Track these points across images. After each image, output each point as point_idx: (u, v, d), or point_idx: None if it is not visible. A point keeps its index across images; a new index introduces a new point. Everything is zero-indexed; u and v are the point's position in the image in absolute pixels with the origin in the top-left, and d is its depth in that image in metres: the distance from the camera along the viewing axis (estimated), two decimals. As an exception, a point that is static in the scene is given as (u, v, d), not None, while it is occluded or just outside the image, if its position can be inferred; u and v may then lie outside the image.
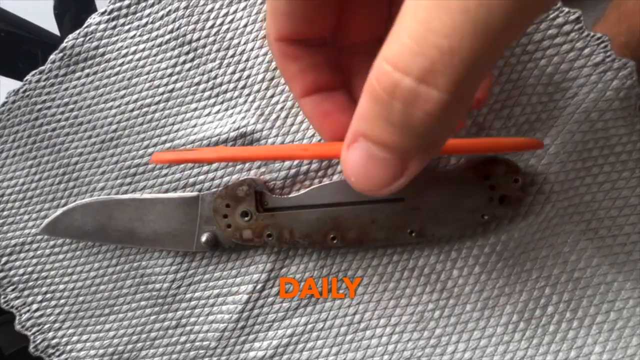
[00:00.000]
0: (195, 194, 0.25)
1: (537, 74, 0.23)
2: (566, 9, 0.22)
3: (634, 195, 0.23)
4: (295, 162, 0.24)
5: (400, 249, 0.24)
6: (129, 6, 0.26)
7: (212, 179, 0.26)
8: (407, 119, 0.09)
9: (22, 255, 0.28)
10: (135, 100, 0.27)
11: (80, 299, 0.27)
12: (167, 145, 0.26)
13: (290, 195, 0.24)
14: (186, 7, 0.25)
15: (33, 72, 0.27)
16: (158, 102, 0.26)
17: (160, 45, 0.26)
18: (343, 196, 0.23)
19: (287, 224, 0.23)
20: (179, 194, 0.25)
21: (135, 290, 0.27)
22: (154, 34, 0.26)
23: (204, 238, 0.24)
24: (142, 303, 0.27)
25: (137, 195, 0.26)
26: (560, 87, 0.23)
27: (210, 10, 0.25)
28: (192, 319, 0.26)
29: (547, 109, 0.23)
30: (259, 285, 0.25)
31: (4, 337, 0.30)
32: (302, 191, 0.24)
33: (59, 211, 0.26)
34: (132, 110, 0.27)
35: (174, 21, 0.26)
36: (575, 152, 0.22)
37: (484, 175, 0.22)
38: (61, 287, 0.27)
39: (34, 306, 0.28)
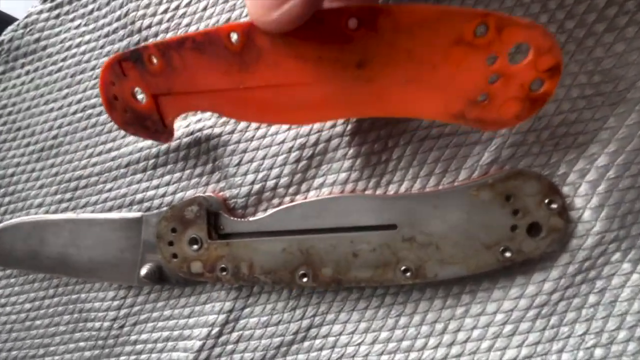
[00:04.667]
0: (138, 214, 0.20)
1: (581, 58, 0.17)
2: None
3: None
4: (260, 175, 0.19)
5: (401, 297, 0.19)
6: (73, -9, 0.22)
7: (163, 195, 0.21)
8: None
9: (-46, 281, 0.24)
10: (79, 101, 0.22)
11: (14, 335, 0.23)
12: (113, 154, 0.22)
13: (252, 218, 0.19)
14: (135, -11, 0.21)
15: (-30, 70, 0.24)
16: (104, 103, 0.22)
17: (107, 35, 0.22)
18: (317, 220, 0.18)
19: (246, 256, 0.18)
20: (119, 214, 0.21)
21: (74, 328, 0.22)
22: (101, 22, 0.22)
23: (143, 271, 0.19)
24: (81, 344, 0.22)
25: (72, 215, 0.21)
26: (610, 76, 0.17)
27: (164, -8, 0.21)
28: (138, 368, 0.21)
29: (592, 105, 0.17)
30: (215, 330, 0.20)
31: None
32: (268, 212, 0.19)
33: (-12, 232, 0.22)
34: (74, 113, 0.22)
35: (121, 6, 0.21)
36: (634, 164, 0.16)
37: (505, 195, 0.16)
38: (-7, 321, 0.23)
39: (-35, 342, 0.24)
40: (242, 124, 0.20)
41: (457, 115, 0.13)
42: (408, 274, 0.17)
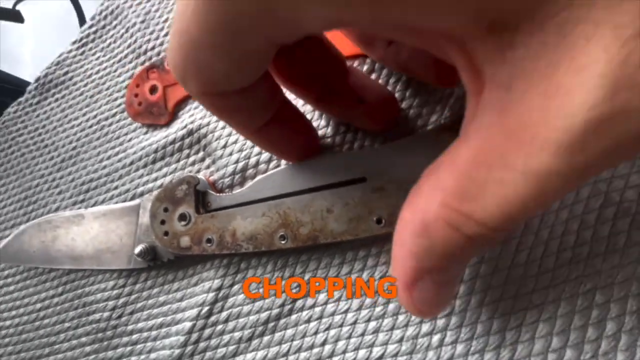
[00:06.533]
0: (137, 201, 0.22)
1: None
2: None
3: None
4: (243, 153, 0.21)
5: (375, 249, 0.18)
6: (95, 32, 0.27)
7: (161, 186, 0.23)
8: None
9: (-21, 289, 0.26)
10: (95, 116, 0.26)
11: (24, 336, 0.24)
12: (120, 155, 0.25)
13: (235, 192, 0.20)
14: (142, 21, 0.26)
15: (13, 103, 0.29)
16: (114, 114, 0.25)
17: (119, 61, 0.26)
18: (293, 184, 0.19)
19: (229, 225, 0.19)
20: (120, 204, 0.23)
21: (77, 323, 0.23)
22: (115, 52, 0.26)
23: (137, 249, 0.20)
24: (83, 339, 0.23)
25: (81, 210, 0.23)
26: None
27: (166, 20, 0.25)
28: (133, 358, 0.21)
29: None
30: (205, 309, 0.20)
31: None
32: (247, 185, 0.20)
33: (11, 235, 0.25)
34: (91, 126, 0.26)
35: (131, 36, 0.26)
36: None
37: (466, 135, 0.16)
38: (8, 322, 0.25)
39: (-19, 348, 0.25)
40: (227, 113, 0.22)
41: None
42: (382, 223, 0.17)
